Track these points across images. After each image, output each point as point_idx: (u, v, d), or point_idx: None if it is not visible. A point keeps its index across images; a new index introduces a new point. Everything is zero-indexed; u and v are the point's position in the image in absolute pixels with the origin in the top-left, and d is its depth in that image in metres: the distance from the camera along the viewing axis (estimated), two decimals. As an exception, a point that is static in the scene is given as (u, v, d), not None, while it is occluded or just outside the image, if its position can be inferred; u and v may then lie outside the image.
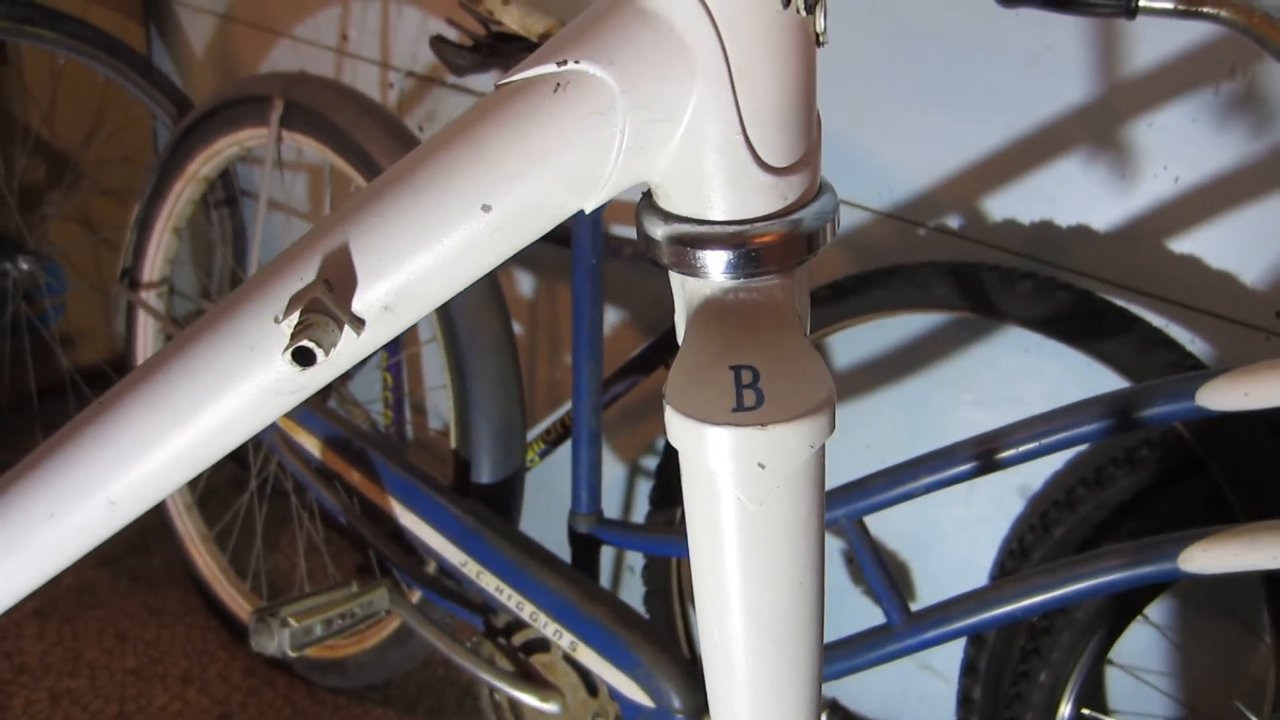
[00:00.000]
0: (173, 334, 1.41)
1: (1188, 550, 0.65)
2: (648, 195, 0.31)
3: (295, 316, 0.26)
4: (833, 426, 0.27)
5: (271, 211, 1.73)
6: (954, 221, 1.08)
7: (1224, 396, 0.64)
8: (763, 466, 0.27)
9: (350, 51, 1.56)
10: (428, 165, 0.27)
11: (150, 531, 1.58)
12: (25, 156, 1.63)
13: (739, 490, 0.28)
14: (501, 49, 0.86)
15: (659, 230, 0.29)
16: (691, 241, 0.28)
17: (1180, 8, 0.71)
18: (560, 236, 0.98)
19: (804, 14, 0.26)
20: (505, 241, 0.27)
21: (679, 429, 0.26)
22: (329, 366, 0.27)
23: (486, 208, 0.27)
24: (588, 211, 0.28)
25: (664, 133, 0.27)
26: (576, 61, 0.26)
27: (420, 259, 0.27)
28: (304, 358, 0.26)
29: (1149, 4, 0.72)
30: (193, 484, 1.48)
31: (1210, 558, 0.64)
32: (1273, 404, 0.62)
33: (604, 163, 0.27)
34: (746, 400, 0.26)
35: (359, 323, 0.28)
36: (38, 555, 0.30)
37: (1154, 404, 0.68)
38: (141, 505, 0.30)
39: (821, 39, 0.27)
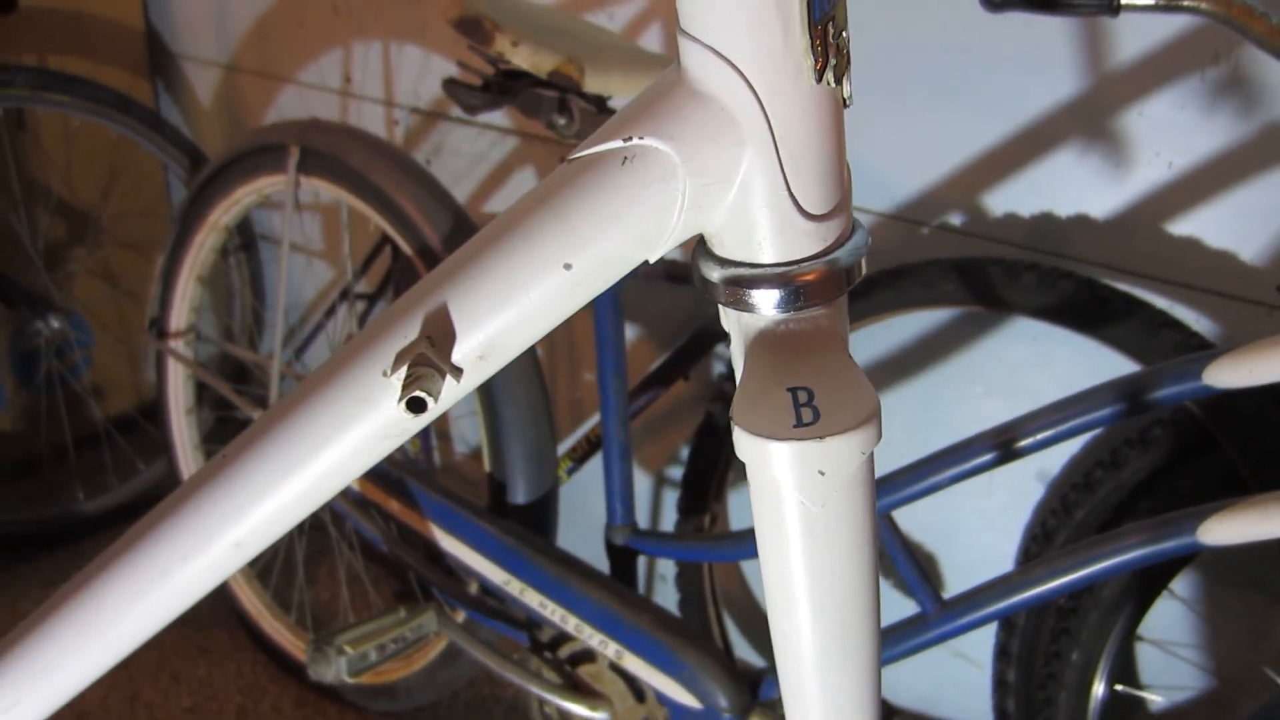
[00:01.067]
0: (202, 379, 1.45)
1: (1206, 523, 0.68)
2: (703, 242, 0.35)
3: (403, 370, 0.30)
4: (880, 435, 0.31)
5: (291, 252, 1.78)
6: (956, 219, 1.11)
7: (1230, 374, 0.67)
8: (823, 474, 0.31)
9: (355, 93, 1.60)
10: (513, 231, 0.31)
11: (192, 573, 1.62)
12: (48, 217, 1.67)
13: (802, 495, 0.32)
14: (511, 86, 0.90)
15: (715, 274, 0.34)
16: (745, 283, 0.33)
17: (1162, 3, 0.74)
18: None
19: (834, 85, 0.31)
20: (583, 293, 0.31)
21: (747, 445, 0.30)
22: (433, 412, 0.31)
23: (568, 266, 0.31)
24: (651, 261, 0.32)
25: (719, 193, 0.31)
26: (641, 138, 0.30)
27: (510, 313, 0.32)
28: (417, 406, 0.30)
29: (1132, 1, 0.75)
30: (231, 524, 1.52)
31: (1228, 529, 0.67)
32: (1276, 378, 0.65)
33: (668, 222, 0.32)
34: (805, 417, 0.29)
35: (458, 372, 0.32)
36: (172, 594, 0.34)
37: (1163, 385, 0.71)
38: (262, 544, 0.34)
39: (848, 102, 0.31)
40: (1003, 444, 0.76)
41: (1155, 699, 1.11)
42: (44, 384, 1.71)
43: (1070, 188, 1.04)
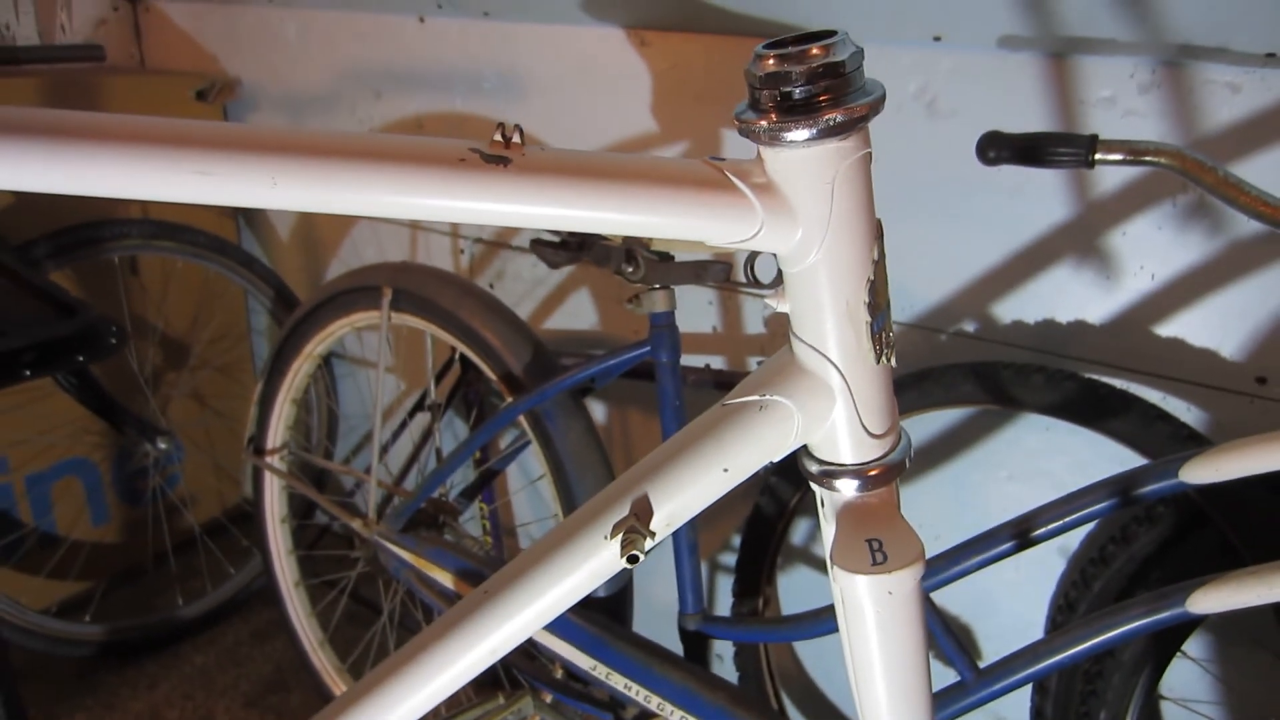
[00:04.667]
0: (299, 491, 1.60)
1: (1193, 595, 0.80)
2: (805, 448, 0.52)
3: (620, 536, 0.46)
4: (925, 567, 0.46)
5: (366, 369, 1.95)
6: (970, 326, 1.25)
7: (1201, 472, 0.80)
8: (891, 594, 0.48)
9: (423, 225, 1.79)
10: (689, 447, 0.49)
11: (286, 670, 1.76)
12: (152, 349, 1.86)
13: (877, 608, 0.48)
14: (586, 242, 1.07)
15: (814, 468, 0.52)
16: (834, 475, 0.51)
17: (1129, 159, 0.89)
18: (644, 374, 1.17)
19: (887, 362, 0.49)
20: (732, 483, 0.49)
21: (843, 578, 0.47)
22: (640, 560, 0.47)
23: (725, 470, 0.48)
24: (774, 462, 0.48)
25: (819, 426, 0.50)
26: (771, 395, 0.49)
27: (688, 497, 0.49)
28: (633, 560, 0.46)
29: (1104, 157, 0.90)
30: (324, 623, 1.66)
31: (1212, 600, 0.79)
32: (1238, 475, 0.79)
33: (786, 443, 0.50)
34: (877, 559, 0.46)
35: (654, 535, 0.48)
36: (445, 683, 0.50)
37: (1148, 483, 0.84)
38: (509, 648, 0.49)
39: (893, 365, 0.48)
40: (1021, 533, 0.89)
41: (1182, 754, 1.20)
42: (150, 497, 1.89)
43: (1068, 297, 1.17)
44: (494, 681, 1.52)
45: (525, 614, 0.48)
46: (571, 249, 1.06)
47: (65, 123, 0.32)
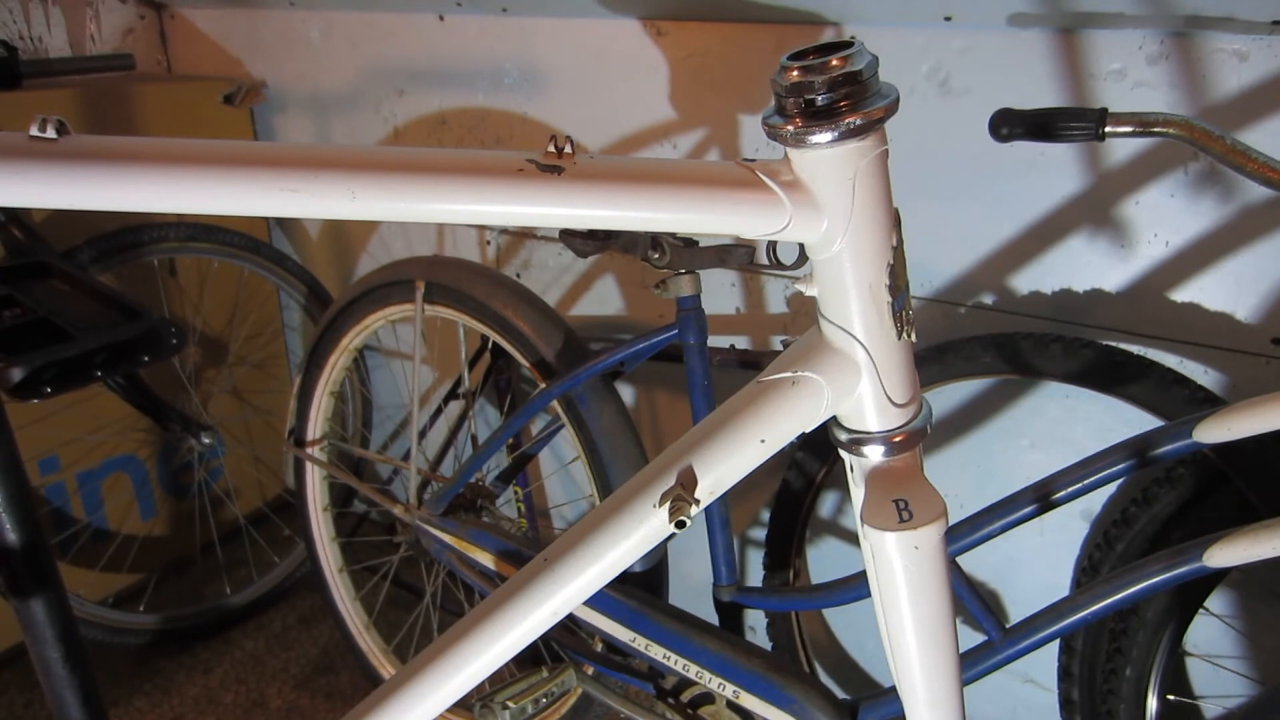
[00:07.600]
0: (341, 480, 1.66)
1: (1210, 550, 0.84)
2: (835, 419, 0.56)
3: (668, 505, 0.50)
4: (948, 523, 0.50)
5: (400, 361, 2.00)
6: (989, 299, 1.28)
7: (1213, 432, 0.83)
8: (917, 548, 0.52)
9: (449, 219, 1.83)
10: (730, 421, 0.53)
11: (333, 653, 1.82)
12: (191, 347, 1.92)
13: (905, 561, 0.52)
14: (614, 231, 1.10)
15: (844, 436, 0.57)
16: (862, 443, 0.55)
17: (1139, 130, 0.92)
18: (670, 356, 1.21)
19: (907, 338, 0.53)
20: (768, 453, 0.52)
21: (874, 535, 0.51)
22: (687, 526, 0.51)
23: (763, 441, 0.52)
24: (807, 432, 0.52)
25: (846, 397, 0.54)
26: (803, 371, 0.53)
27: (729, 466, 0.54)
28: (681, 525, 0.50)
29: (1114, 129, 0.93)
30: (368, 607, 1.72)
31: (1227, 554, 0.82)
32: (1249, 433, 0.81)
33: (818, 414, 0.54)
34: (904, 517, 0.50)
35: (698, 502, 0.52)
36: (513, 643, 0.54)
37: (1163, 444, 0.87)
38: (568, 610, 0.54)
39: (914, 341, 0.51)
40: (1042, 497, 0.93)
41: (1209, 707, 1.24)
42: (196, 490, 1.95)
43: (1084, 267, 1.19)
44: (535, 658, 1.57)
45: (583, 577, 0.53)
46: (599, 237, 1.10)
47: (174, 150, 0.37)
